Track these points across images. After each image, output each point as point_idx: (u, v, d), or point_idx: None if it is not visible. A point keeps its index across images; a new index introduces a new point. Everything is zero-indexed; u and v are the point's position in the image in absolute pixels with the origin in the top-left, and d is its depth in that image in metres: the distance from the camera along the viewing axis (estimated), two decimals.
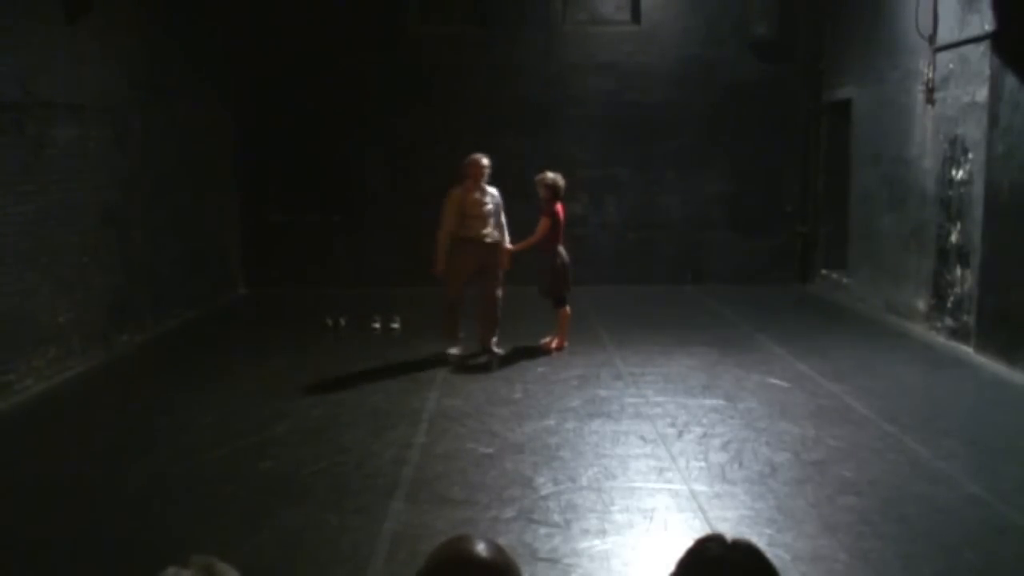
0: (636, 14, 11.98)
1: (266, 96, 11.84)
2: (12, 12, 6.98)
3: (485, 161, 8.01)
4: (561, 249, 8.21)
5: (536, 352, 8.22)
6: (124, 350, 8.55)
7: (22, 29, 7.10)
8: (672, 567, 1.54)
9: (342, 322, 9.50)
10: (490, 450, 5.66)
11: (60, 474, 5.41)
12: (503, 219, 8.20)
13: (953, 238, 8.34)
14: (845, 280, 11.01)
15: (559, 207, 8.17)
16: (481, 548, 1.49)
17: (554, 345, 8.28)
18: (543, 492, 4.95)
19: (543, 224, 8.07)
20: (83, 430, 6.28)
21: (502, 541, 4.14)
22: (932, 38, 8.62)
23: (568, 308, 8.34)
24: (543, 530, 4.44)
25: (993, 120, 7.63)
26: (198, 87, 10.82)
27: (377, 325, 9.44)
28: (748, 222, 12.14)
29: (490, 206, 8.04)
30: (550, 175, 8.17)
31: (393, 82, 11.85)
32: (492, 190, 8.11)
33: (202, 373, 7.80)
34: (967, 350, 7.99)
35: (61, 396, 7.16)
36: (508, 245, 8.19)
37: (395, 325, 9.44)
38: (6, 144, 6.90)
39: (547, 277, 8.21)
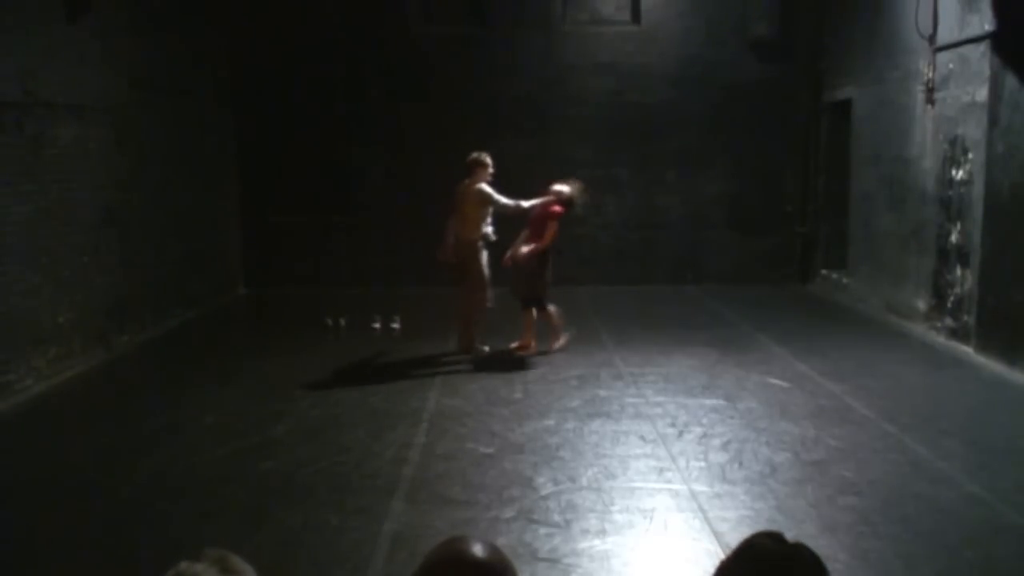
0: (636, 14, 11.98)
1: (266, 96, 11.84)
2: (12, 12, 6.98)
3: (471, 157, 8.03)
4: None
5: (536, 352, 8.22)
6: (124, 350, 8.55)
7: (22, 29, 7.10)
8: (725, 557, 1.57)
9: (342, 322, 9.50)
10: (490, 450, 5.66)
11: (60, 474, 5.41)
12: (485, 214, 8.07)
13: (953, 238, 8.34)
14: (845, 280, 11.01)
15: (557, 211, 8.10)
16: (477, 548, 1.49)
17: (559, 344, 8.26)
18: (543, 492, 4.95)
19: (552, 228, 8.01)
20: (83, 430, 6.28)
21: (502, 541, 4.16)
22: (932, 38, 8.61)
23: (535, 311, 8.25)
24: (543, 530, 4.44)
25: (993, 120, 7.63)
26: (198, 87, 10.83)
27: (377, 325, 9.44)
28: (748, 222, 12.14)
29: (469, 204, 8.00)
30: (567, 190, 8.17)
31: (393, 82, 11.86)
32: (478, 187, 7.98)
33: (202, 373, 7.81)
34: (967, 350, 7.99)
35: (61, 396, 7.16)
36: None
37: (395, 325, 9.43)
38: (6, 144, 6.90)
39: (534, 279, 8.11)
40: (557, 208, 8.08)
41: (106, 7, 8.31)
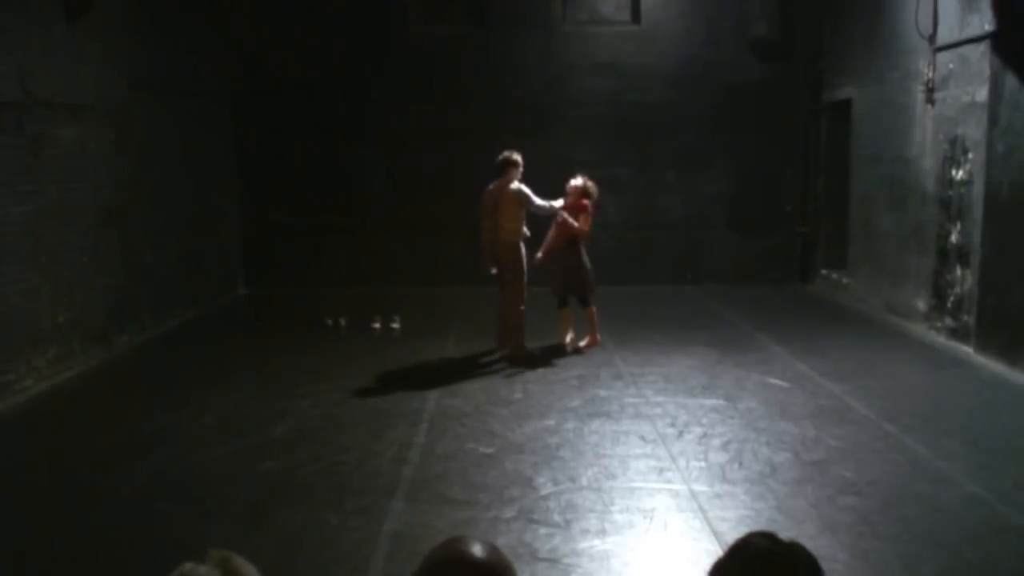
0: (636, 14, 11.98)
1: (266, 96, 11.84)
2: (12, 12, 6.99)
3: (503, 156, 8.05)
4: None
5: (542, 351, 8.23)
6: (124, 350, 8.55)
7: (22, 29, 7.11)
8: (721, 554, 1.57)
9: (342, 322, 9.50)
10: (490, 450, 5.67)
11: (60, 474, 5.42)
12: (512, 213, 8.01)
13: (953, 238, 8.34)
14: (845, 280, 11.01)
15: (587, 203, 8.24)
16: (477, 548, 1.49)
17: (584, 343, 8.38)
18: (543, 492, 4.95)
19: (586, 218, 8.16)
20: (83, 430, 6.28)
21: (502, 541, 4.16)
22: (932, 38, 8.61)
23: (567, 308, 8.46)
24: (543, 530, 4.44)
25: (993, 120, 7.63)
26: (198, 88, 10.83)
27: (377, 325, 9.44)
28: (748, 222, 12.14)
29: (507, 203, 7.94)
30: (579, 183, 8.29)
31: (393, 82, 11.85)
32: (517, 188, 7.97)
33: (202, 373, 7.80)
34: (967, 350, 7.99)
35: (61, 396, 7.16)
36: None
37: (395, 325, 9.44)
38: (6, 144, 6.90)
39: (575, 275, 8.27)
40: (584, 201, 8.24)
41: (106, 7, 8.32)
